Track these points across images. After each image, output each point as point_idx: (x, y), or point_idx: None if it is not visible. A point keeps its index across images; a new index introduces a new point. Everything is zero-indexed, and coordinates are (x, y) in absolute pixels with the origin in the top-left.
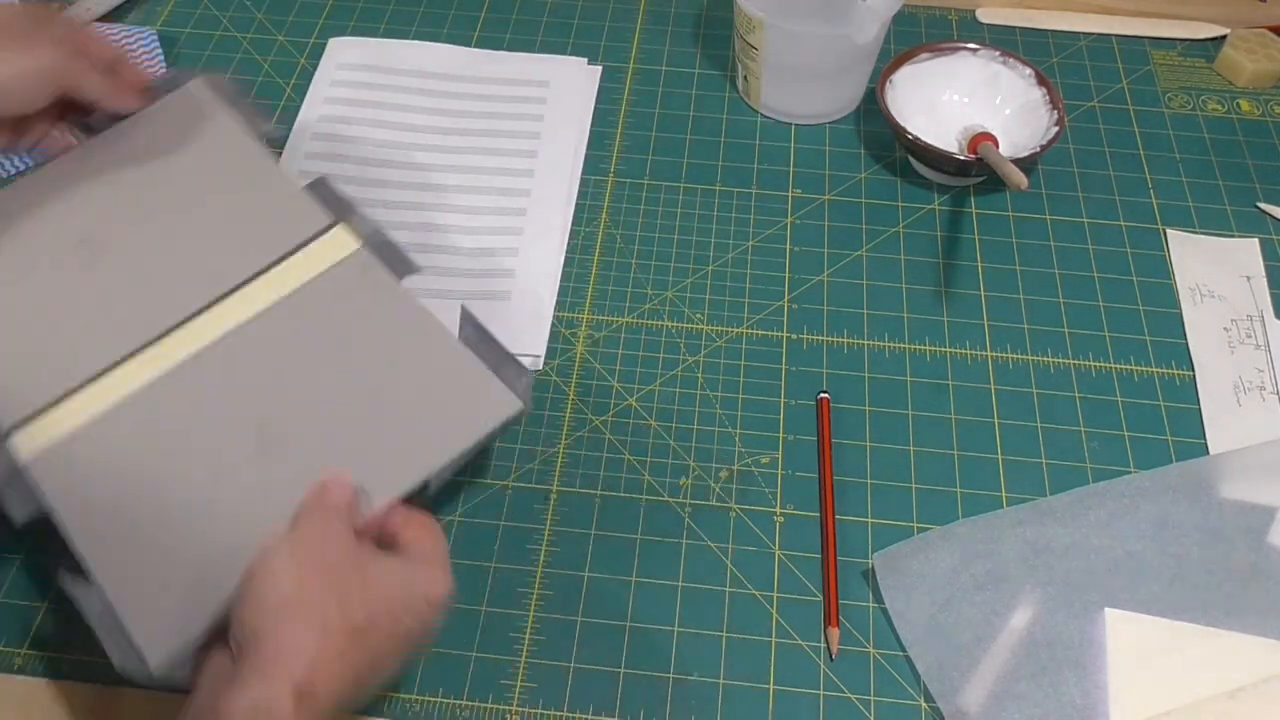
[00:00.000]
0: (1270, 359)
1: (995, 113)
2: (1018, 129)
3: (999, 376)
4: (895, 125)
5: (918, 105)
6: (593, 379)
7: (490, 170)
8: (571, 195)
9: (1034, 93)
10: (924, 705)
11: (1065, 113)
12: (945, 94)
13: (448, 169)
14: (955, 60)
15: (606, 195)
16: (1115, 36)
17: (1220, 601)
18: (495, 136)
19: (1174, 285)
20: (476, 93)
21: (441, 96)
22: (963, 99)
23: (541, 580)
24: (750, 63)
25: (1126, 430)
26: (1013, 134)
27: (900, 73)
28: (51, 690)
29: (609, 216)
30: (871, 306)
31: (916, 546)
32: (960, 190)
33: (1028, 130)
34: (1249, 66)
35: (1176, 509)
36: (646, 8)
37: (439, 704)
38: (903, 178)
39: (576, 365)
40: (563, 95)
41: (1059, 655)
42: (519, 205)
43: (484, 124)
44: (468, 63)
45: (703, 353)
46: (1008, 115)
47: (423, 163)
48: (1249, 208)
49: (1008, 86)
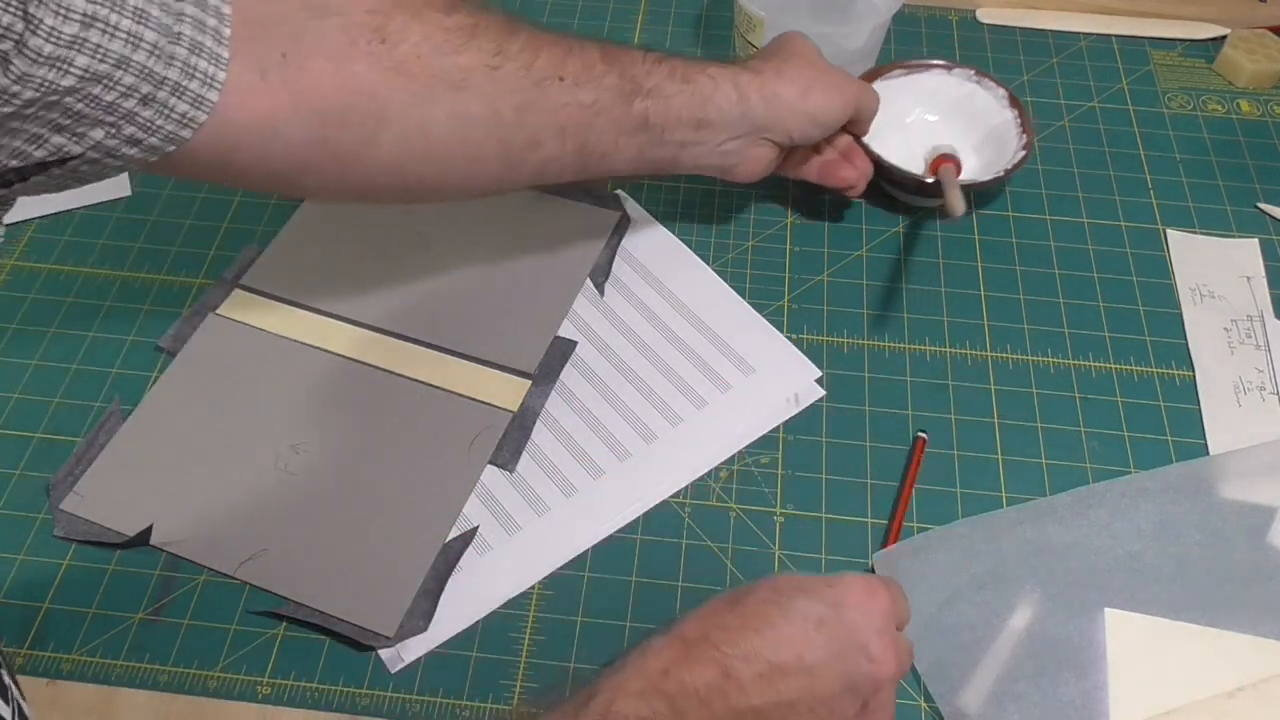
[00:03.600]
0: (1270, 359)
1: (967, 133)
2: (989, 150)
3: (999, 376)
4: (859, 143)
5: (888, 122)
6: None
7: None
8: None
9: (1006, 114)
10: (924, 705)
11: (1035, 136)
12: (916, 112)
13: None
14: (929, 77)
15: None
16: (1115, 36)
17: (1220, 601)
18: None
19: (1174, 285)
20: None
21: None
22: (934, 117)
23: (542, 580)
24: None
25: (1126, 430)
26: (984, 154)
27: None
28: (51, 690)
29: None
30: (871, 306)
31: (916, 546)
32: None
33: (997, 152)
34: (1249, 66)
35: (1177, 509)
36: (646, 8)
37: (439, 704)
38: None
39: None
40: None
41: (1059, 655)
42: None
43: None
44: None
45: None
46: (979, 136)
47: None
48: (1249, 208)
49: (981, 106)
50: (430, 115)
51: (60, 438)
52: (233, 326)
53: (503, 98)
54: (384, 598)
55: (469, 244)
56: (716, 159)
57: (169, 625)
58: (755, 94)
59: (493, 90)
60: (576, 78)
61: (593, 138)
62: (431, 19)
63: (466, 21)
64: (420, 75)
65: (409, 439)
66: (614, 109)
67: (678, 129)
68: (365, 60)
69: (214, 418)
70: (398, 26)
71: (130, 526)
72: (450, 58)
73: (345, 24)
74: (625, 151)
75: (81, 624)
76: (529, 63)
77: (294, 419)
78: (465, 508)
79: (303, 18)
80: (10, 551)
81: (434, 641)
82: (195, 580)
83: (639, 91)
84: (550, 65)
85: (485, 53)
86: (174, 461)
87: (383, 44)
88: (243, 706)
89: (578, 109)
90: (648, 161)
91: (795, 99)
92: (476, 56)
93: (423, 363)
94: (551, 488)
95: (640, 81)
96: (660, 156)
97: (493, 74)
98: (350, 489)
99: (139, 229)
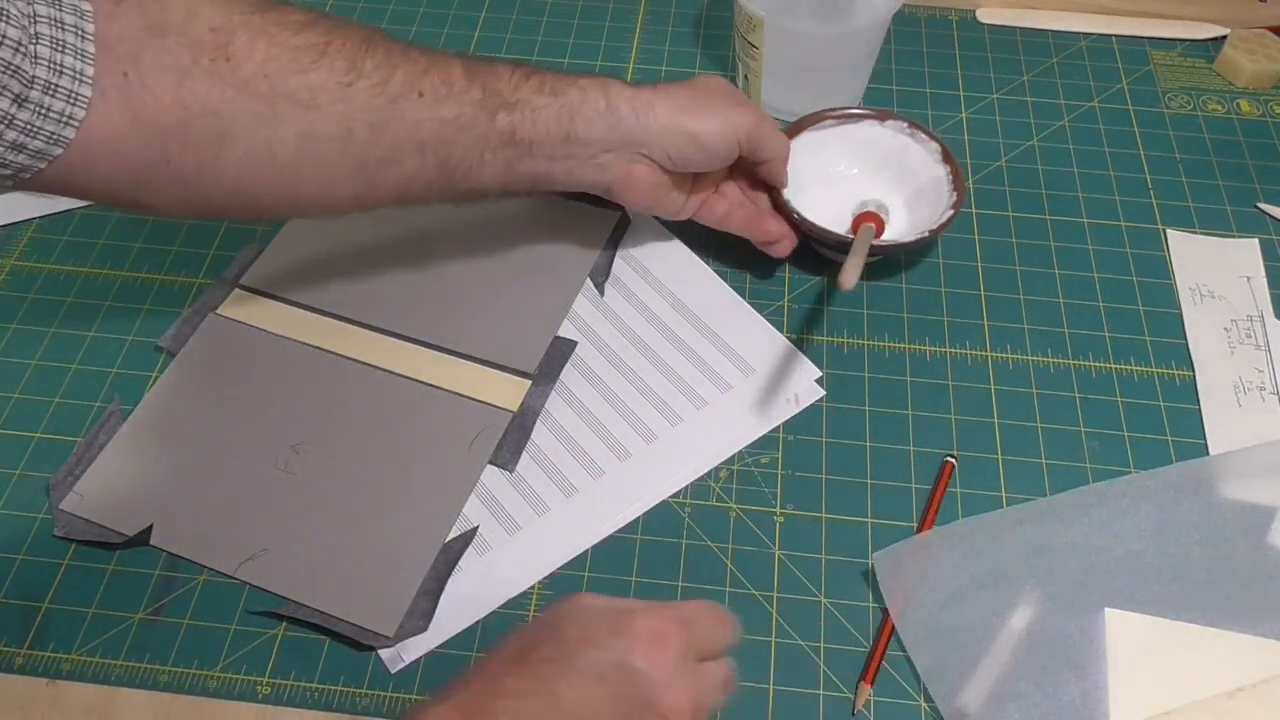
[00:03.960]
0: (1270, 359)
1: (898, 188)
2: (921, 206)
3: (999, 376)
4: (777, 198)
5: (815, 174)
6: None
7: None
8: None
9: (938, 170)
10: (924, 705)
11: (965, 193)
12: (844, 164)
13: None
14: (861, 128)
15: None
16: (1115, 36)
17: (1220, 601)
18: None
19: (1174, 285)
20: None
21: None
22: (860, 170)
23: (542, 580)
24: (751, 62)
25: (1126, 430)
26: (916, 211)
27: (801, 139)
28: (51, 690)
29: None
30: (871, 306)
31: (916, 546)
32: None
33: (929, 210)
34: (1249, 66)
35: (1177, 509)
36: (646, 8)
37: None
38: None
39: None
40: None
41: (1059, 655)
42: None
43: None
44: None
45: None
46: (910, 191)
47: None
48: (1249, 208)
49: (914, 161)
50: (277, 135)
51: (60, 438)
52: (233, 326)
53: (356, 115)
54: (384, 598)
55: (469, 244)
56: (591, 173)
57: (169, 625)
58: (626, 105)
59: (344, 108)
60: (436, 93)
61: (456, 153)
62: (279, 38)
63: (318, 40)
64: (266, 94)
65: (409, 439)
66: (477, 124)
67: (546, 143)
68: (207, 79)
69: (214, 418)
70: (242, 45)
71: (130, 526)
72: (298, 76)
73: (187, 42)
74: (492, 166)
75: (81, 624)
76: (384, 79)
77: (294, 419)
78: (465, 508)
79: (143, 36)
80: (10, 551)
81: (434, 641)
82: (195, 580)
83: (503, 105)
84: (407, 81)
85: (337, 70)
86: (174, 461)
87: (227, 62)
88: (243, 706)
89: (438, 124)
90: (520, 177)
91: (670, 114)
92: (327, 75)
93: (423, 363)
94: (551, 488)
95: (505, 95)
96: (531, 171)
97: (345, 91)
98: (350, 489)
99: (139, 229)
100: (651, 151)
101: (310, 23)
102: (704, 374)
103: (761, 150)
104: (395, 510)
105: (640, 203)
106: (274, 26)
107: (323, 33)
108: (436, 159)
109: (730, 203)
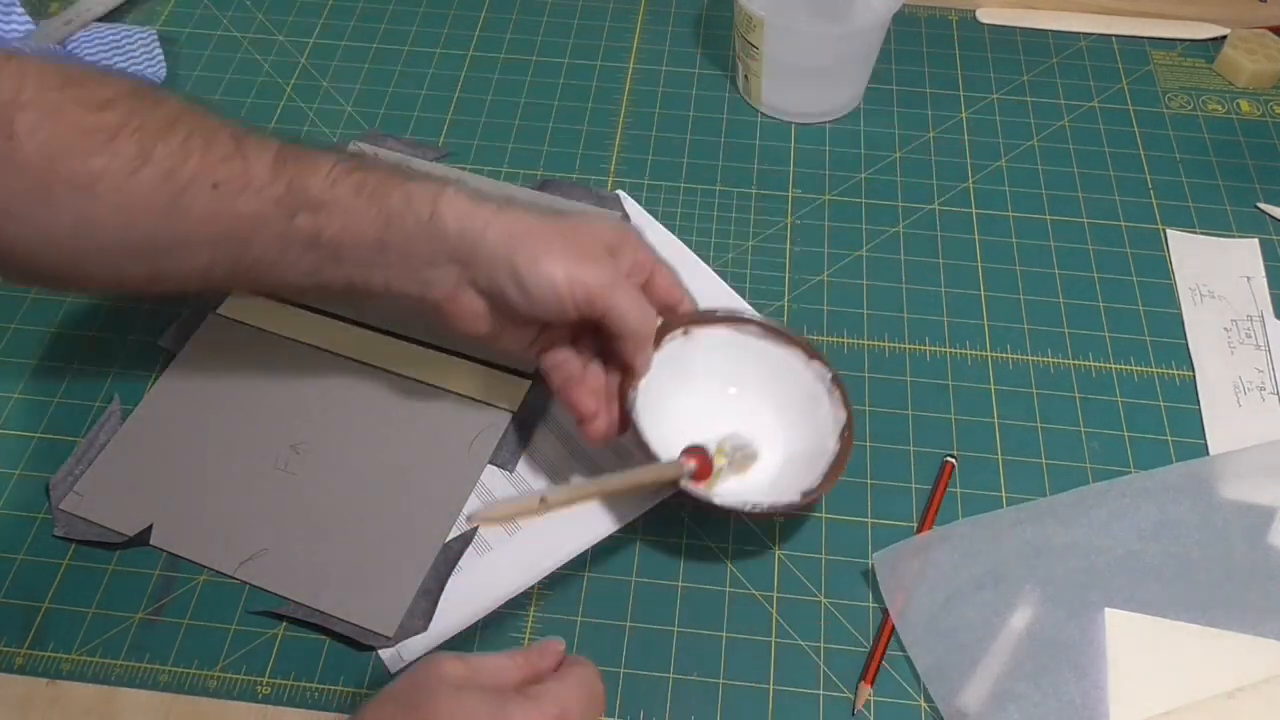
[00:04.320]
0: (1270, 359)
1: (794, 438)
2: (798, 469)
3: (999, 376)
4: (625, 382)
5: (714, 375)
6: None
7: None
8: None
9: (830, 443)
10: (924, 705)
11: (831, 487)
12: (750, 382)
13: None
14: (786, 355)
15: None
16: (1115, 36)
17: (1220, 601)
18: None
19: (1174, 285)
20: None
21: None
22: (768, 402)
23: (542, 580)
24: (751, 62)
25: (1126, 430)
26: (786, 474)
27: (715, 331)
28: (51, 690)
29: None
30: (871, 306)
31: (916, 546)
32: (960, 193)
33: (798, 477)
34: (1249, 66)
35: (1177, 509)
36: (646, 8)
37: None
38: (903, 177)
39: None
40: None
41: (1059, 655)
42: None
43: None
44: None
45: None
46: (803, 449)
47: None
48: (1249, 208)
49: (821, 421)
50: (53, 218)
51: (60, 438)
52: (233, 326)
53: (137, 206)
54: (384, 598)
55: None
56: (415, 288)
57: (169, 625)
58: (454, 220)
59: (123, 198)
60: (231, 186)
61: (253, 251)
62: (71, 117)
63: (113, 121)
64: (44, 177)
65: (409, 439)
66: (276, 222)
67: (358, 249)
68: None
69: (214, 417)
70: (27, 123)
71: (130, 526)
72: (80, 160)
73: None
74: (298, 266)
75: (81, 624)
76: (173, 168)
77: (294, 419)
78: (465, 508)
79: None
80: (10, 551)
81: (434, 641)
82: (195, 580)
83: (306, 205)
84: (203, 171)
85: (123, 157)
86: (174, 461)
87: (9, 140)
88: (243, 706)
89: (231, 219)
90: (332, 280)
91: (501, 241)
92: (111, 161)
93: (423, 363)
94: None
95: (313, 194)
96: (344, 276)
97: (128, 180)
98: (350, 489)
99: None
100: (477, 278)
101: (113, 101)
102: None
103: (609, 321)
104: (395, 510)
105: (473, 331)
106: (71, 104)
107: (123, 114)
108: (230, 255)
109: (565, 358)
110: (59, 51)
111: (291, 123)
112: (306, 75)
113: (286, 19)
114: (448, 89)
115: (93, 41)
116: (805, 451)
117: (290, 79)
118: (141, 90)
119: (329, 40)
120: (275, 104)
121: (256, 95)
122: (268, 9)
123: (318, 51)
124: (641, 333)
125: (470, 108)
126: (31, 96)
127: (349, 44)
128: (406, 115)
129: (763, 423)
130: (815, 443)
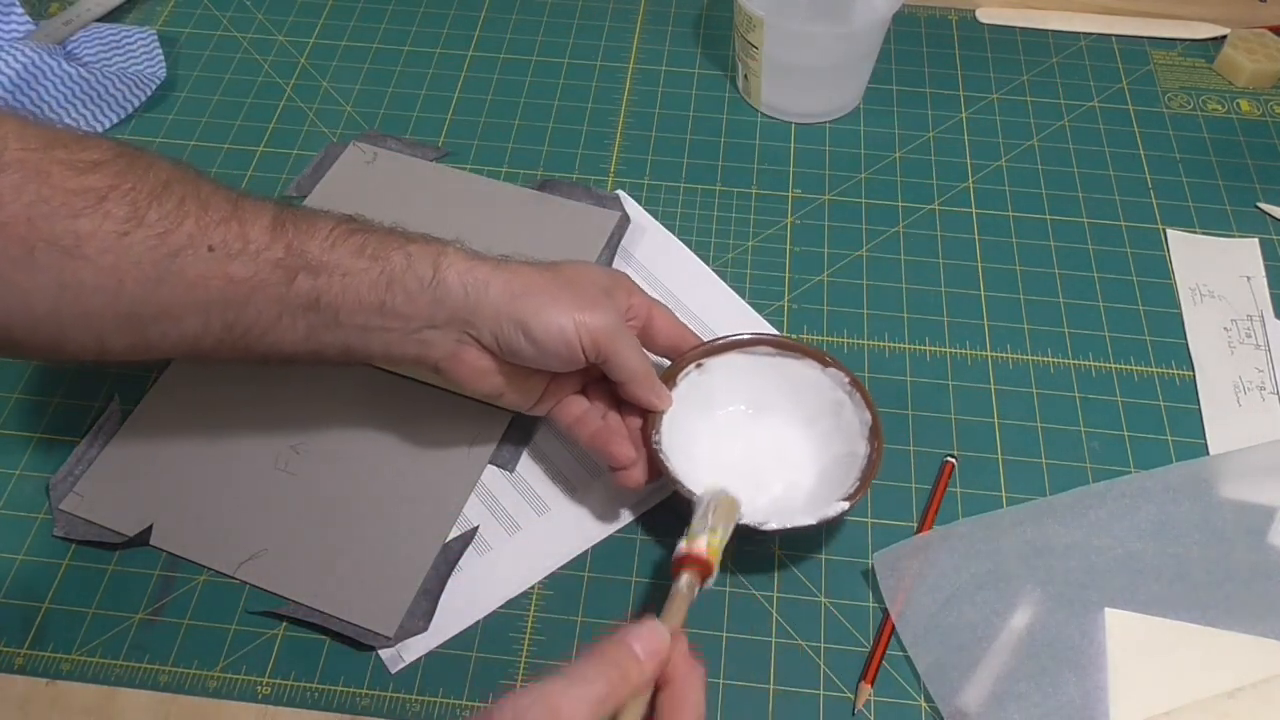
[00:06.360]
0: (1270, 359)
1: (818, 452)
2: (832, 480)
3: (999, 376)
4: (647, 424)
5: (731, 400)
6: None
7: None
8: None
9: (859, 447)
10: (924, 705)
11: (870, 485)
12: (771, 398)
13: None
14: (800, 367)
15: None
16: (1115, 36)
17: (1220, 601)
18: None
19: (1174, 285)
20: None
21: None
22: (787, 417)
23: (542, 580)
24: (751, 62)
25: (1126, 430)
26: (823, 484)
27: (726, 359)
28: (51, 690)
29: None
30: (871, 306)
31: (916, 546)
32: (960, 193)
33: (834, 488)
34: (1249, 66)
35: (1177, 509)
36: (646, 8)
37: (439, 704)
38: (903, 177)
39: None
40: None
41: (1059, 655)
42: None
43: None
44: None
45: None
46: (831, 459)
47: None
48: (1249, 208)
49: (846, 423)
50: (35, 282)
51: (60, 438)
52: None
53: (127, 268)
54: (384, 598)
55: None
56: (414, 349)
57: (169, 625)
58: (456, 278)
59: (114, 260)
60: (228, 249)
61: (247, 316)
62: (56, 179)
63: (101, 184)
64: (26, 238)
65: (409, 439)
66: (273, 285)
67: (358, 312)
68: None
69: (214, 418)
70: (10, 184)
71: (130, 526)
72: (66, 222)
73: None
74: (294, 332)
75: (81, 624)
76: (167, 230)
77: (294, 419)
78: (465, 508)
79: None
80: (10, 551)
81: (434, 641)
82: (195, 580)
83: (306, 267)
84: (196, 234)
85: (113, 219)
86: (174, 461)
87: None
88: (243, 706)
89: (225, 283)
90: (327, 346)
91: (504, 296)
92: (100, 222)
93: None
94: (551, 488)
95: (312, 256)
96: (341, 341)
97: (118, 241)
98: (350, 489)
99: None
100: (480, 334)
101: (101, 164)
102: None
103: (611, 366)
104: (395, 510)
105: (475, 388)
106: (56, 166)
107: (112, 176)
108: (223, 321)
109: (584, 410)
110: (39, 116)
111: (291, 123)
112: (306, 75)
113: (286, 19)
114: (448, 89)
115: (92, 41)
116: (838, 458)
117: (290, 79)
118: (129, 153)
119: (329, 40)
120: (275, 104)
121: (256, 95)
122: (268, 9)
123: (318, 51)
124: (643, 371)
125: (470, 108)
126: (14, 157)
127: (349, 44)
128: (406, 115)
129: (792, 438)
130: (846, 448)
